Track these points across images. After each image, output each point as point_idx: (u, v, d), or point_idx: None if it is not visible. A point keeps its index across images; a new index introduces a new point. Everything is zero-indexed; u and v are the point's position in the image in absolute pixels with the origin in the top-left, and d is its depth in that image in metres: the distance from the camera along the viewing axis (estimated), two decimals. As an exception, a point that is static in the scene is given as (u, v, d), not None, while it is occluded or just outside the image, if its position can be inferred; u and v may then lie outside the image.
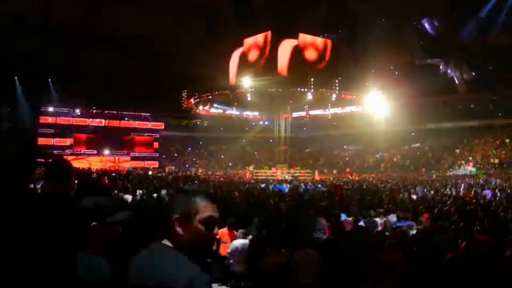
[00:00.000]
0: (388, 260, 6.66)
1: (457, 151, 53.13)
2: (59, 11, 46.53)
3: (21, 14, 45.00)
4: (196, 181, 25.52)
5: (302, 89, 42.53)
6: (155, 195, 14.59)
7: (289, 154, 49.36)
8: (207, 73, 47.54)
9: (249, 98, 43.40)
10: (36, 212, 3.00)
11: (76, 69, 48.49)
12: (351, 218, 11.05)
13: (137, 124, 60.41)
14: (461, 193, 21.87)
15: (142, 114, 60.43)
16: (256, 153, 66.40)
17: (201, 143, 67.99)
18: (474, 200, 16.51)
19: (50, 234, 2.85)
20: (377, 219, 11.12)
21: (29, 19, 45.43)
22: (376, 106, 45.58)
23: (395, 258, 6.70)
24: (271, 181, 31.36)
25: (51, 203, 3.20)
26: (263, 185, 24.80)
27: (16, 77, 49.29)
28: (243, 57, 44.86)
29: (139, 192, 15.11)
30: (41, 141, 52.10)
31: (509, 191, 21.63)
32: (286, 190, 22.67)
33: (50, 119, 54.10)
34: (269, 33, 42.69)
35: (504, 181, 30.16)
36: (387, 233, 9.41)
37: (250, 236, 8.74)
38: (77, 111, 55.16)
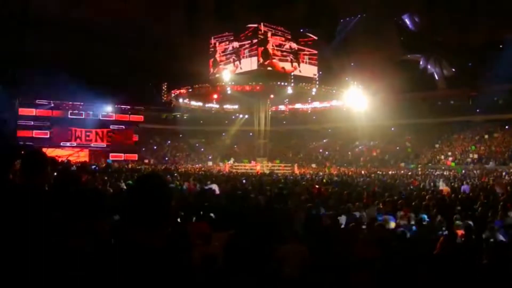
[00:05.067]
0: (363, 254, 6.59)
1: (437, 146, 53.54)
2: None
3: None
4: (175, 174, 25.26)
5: (282, 83, 42.68)
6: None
7: (268, 147, 49.29)
8: (187, 66, 47.30)
9: (229, 92, 43.33)
10: (11, 204, 2.98)
11: (54, 61, 47.72)
12: (330, 212, 10.79)
13: (116, 116, 59.72)
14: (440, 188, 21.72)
15: (122, 106, 59.72)
16: (235, 146, 66.20)
17: (180, 136, 67.64)
18: (453, 195, 16.46)
19: (25, 226, 2.83)
20: (357, 213, 10.98)
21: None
22: (355, 101, 45.74)
23: (371, 252, 6.63)
24: (250, 174, 31.17)
25: (27, 195, 3.17)
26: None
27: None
28: (224, 50, 44.90)
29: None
30: (21, 133, 51.37)
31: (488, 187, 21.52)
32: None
33: (29, 111, 53.39)
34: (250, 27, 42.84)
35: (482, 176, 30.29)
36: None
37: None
38: (56, 103, 54.32)
